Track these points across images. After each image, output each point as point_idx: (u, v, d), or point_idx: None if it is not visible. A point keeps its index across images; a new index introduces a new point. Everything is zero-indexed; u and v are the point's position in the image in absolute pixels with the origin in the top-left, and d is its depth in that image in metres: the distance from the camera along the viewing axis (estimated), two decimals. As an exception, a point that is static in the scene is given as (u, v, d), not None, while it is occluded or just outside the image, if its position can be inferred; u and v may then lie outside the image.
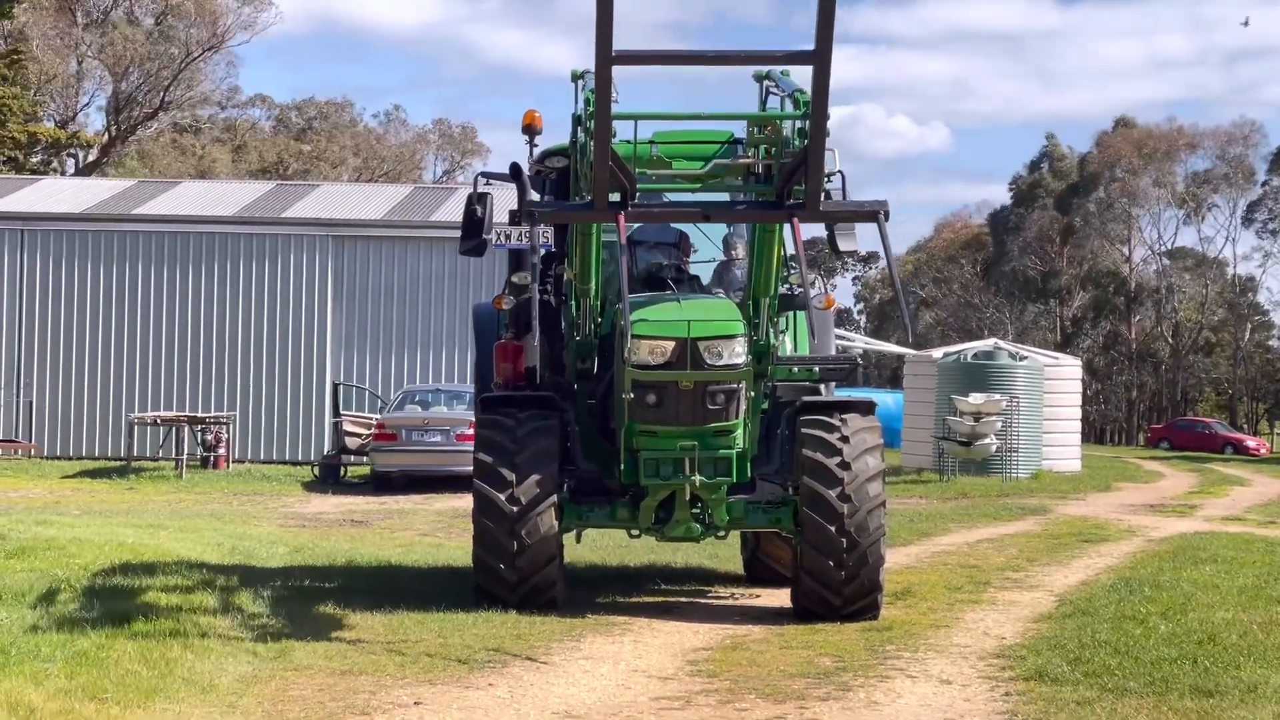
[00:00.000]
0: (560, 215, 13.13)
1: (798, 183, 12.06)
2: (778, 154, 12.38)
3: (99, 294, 38.61)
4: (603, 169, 11.73)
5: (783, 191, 12.30)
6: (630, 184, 12.16)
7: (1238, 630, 12.52)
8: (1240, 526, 24.71)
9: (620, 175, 11.99)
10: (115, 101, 74.30)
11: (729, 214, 13.05)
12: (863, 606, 13.48)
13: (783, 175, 12.27)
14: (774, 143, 12.40)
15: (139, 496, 29.66)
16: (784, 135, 12.30)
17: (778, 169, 12.36)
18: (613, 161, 11.76)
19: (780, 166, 12.32)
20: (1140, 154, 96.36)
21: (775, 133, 12.36)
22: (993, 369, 37.67)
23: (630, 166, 12.12)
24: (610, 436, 14.14)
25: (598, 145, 11.57)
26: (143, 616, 12.15)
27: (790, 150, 12.23)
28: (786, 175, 12.20)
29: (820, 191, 11.93)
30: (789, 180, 12.17)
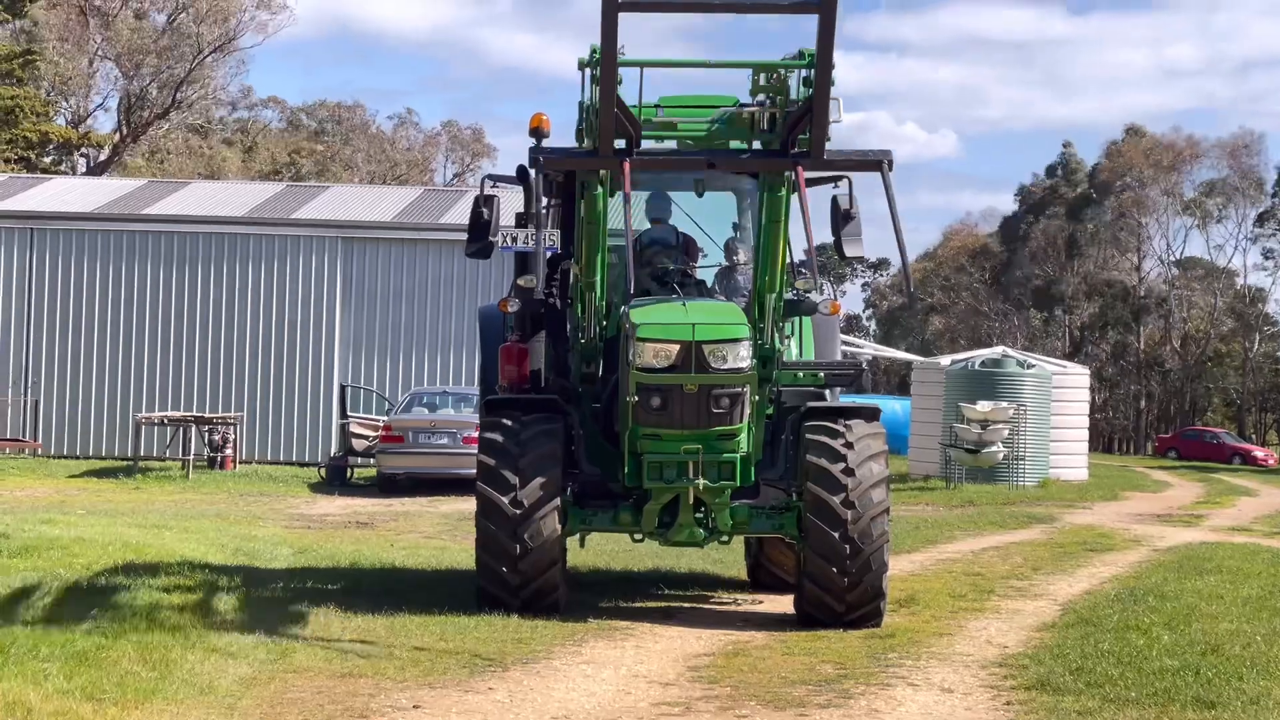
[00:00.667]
0: (567, 162, 13.03)
1: (802, 132, 12.07)
2: (782, 104, 12.41)
3: (108, 293, 38.63)
4: (608, 115, 11.78)
5: (787, 141, 12.34)
6: (635, 131, 12.20)
7: (1241, 641, 12.47)
8: (1246, 537, 24.65)
9: (626, 123, 12.02)
10: (127, 101, 74.40)
11: (734, 162, 12.99)
12: (866, 613, 13.45)
13: (787, 125, 12.35)
14: (779, 91, 12.40)
15: (145, 496, 29.66)
16: (788, 85, 12.35)
17: (782, 118, 12.38)
18: (618, 109, 11.79)
19: (784, 116, 12.34)
20: (1150, 163, 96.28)
21: (780, 82, 12.38)
22: (1001, 377, 37.59)
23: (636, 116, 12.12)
24: (614, 440, 14.11)
25: (603, 91, 11.64)
26: (143, 617, 12.15)
27: (794, 101, 12.26)
28: (791, 124, 12.30)
29: (824, 140, 12.01)
30: (793, 130, 12.26)
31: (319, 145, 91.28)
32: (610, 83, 11.53)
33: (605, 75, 11.49)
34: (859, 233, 13.84)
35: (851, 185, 13.99)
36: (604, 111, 11.77)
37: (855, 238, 13.80)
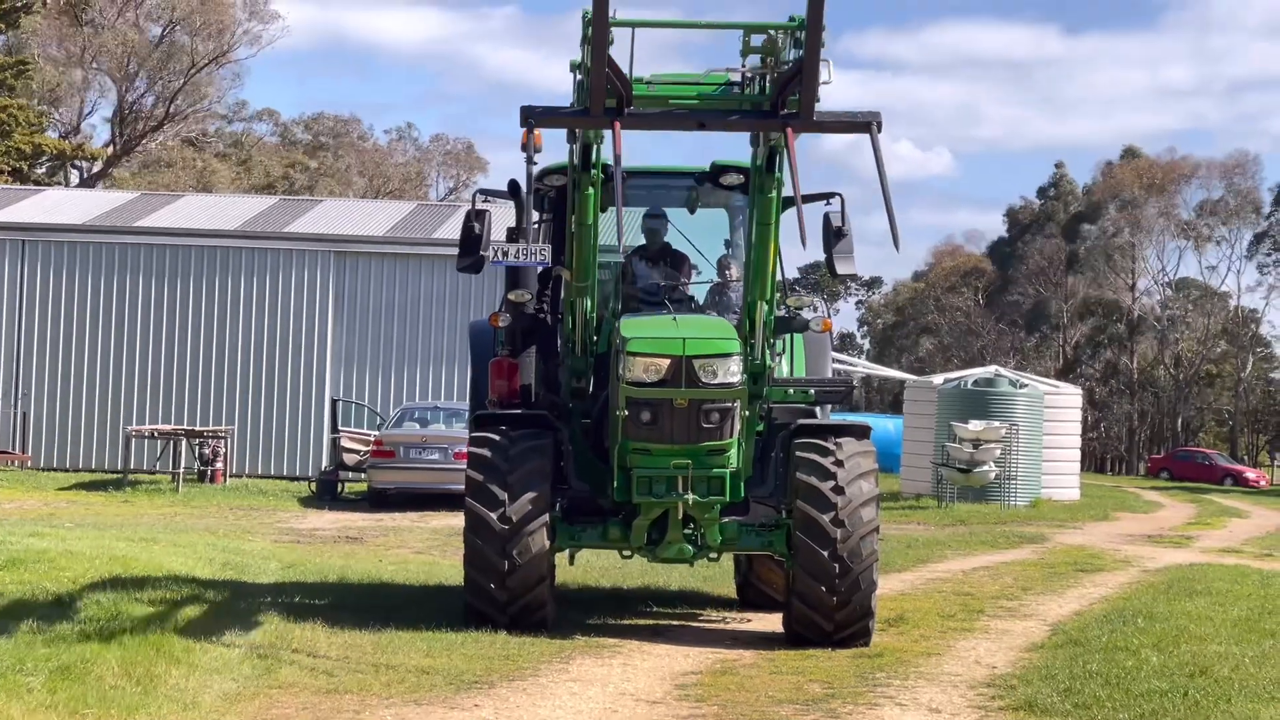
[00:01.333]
0: (557, 120, 12.75)
1: (792, 93, 12.04)
2: (773, 66, 12.39)
3: (99, 305, 38.59)
4: (600, 75, 11.73)
5: (777, 102, 12.28)
6: (626, 92, 12.12)
7: (1230, 664, 12.42)
8: (1236, 559, 24.62)
9: (617, 83, 11.97)
10: (120, 113, 74.35)
11: (724, 123, 12.82)
12: (854, 633, 13.40)
13: (777, 85, 12.29)
14: (769, 53, 12.40)
15: (134, 509, 29.58)
16: (778, 46, 12.33)
17: (773, 79, 12.35)
18: (609, 69, 11.75)
19: (775, 77, 12.31)
20: (1143, 184, 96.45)
21: (770, 43, 12.35)
22: (993, 396, 37.59)
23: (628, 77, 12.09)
24: (604, 455, 14.07)
25: (595, 51, 11.59)
26: (129, 631, 12.05)
27: (785, 63, 12.26)
28: (781, 85, 12.21)
29: (814, 101, 11.89)
30: (783, 90, 12.17)
31: (313, 162, 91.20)
32: (602, 42, 11.50)
33: (597, 35, 11.46)
34: (851, 250, 13.85)
35: (844, 203, 13.99)
36: (595, 71, 11.73)
37: (847, 255, 13.80)
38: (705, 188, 15.07)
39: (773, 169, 12.87)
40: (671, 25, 14.39)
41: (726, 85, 12.75)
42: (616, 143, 11.97)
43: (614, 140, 11.97)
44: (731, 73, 12.72)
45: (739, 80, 12.71)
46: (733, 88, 12.73)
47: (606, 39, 11.52)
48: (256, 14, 74.96)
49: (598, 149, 13.00)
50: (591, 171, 13.04)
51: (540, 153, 13.81)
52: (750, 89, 12.64)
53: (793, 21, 12.06)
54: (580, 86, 12.70)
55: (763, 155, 12.91)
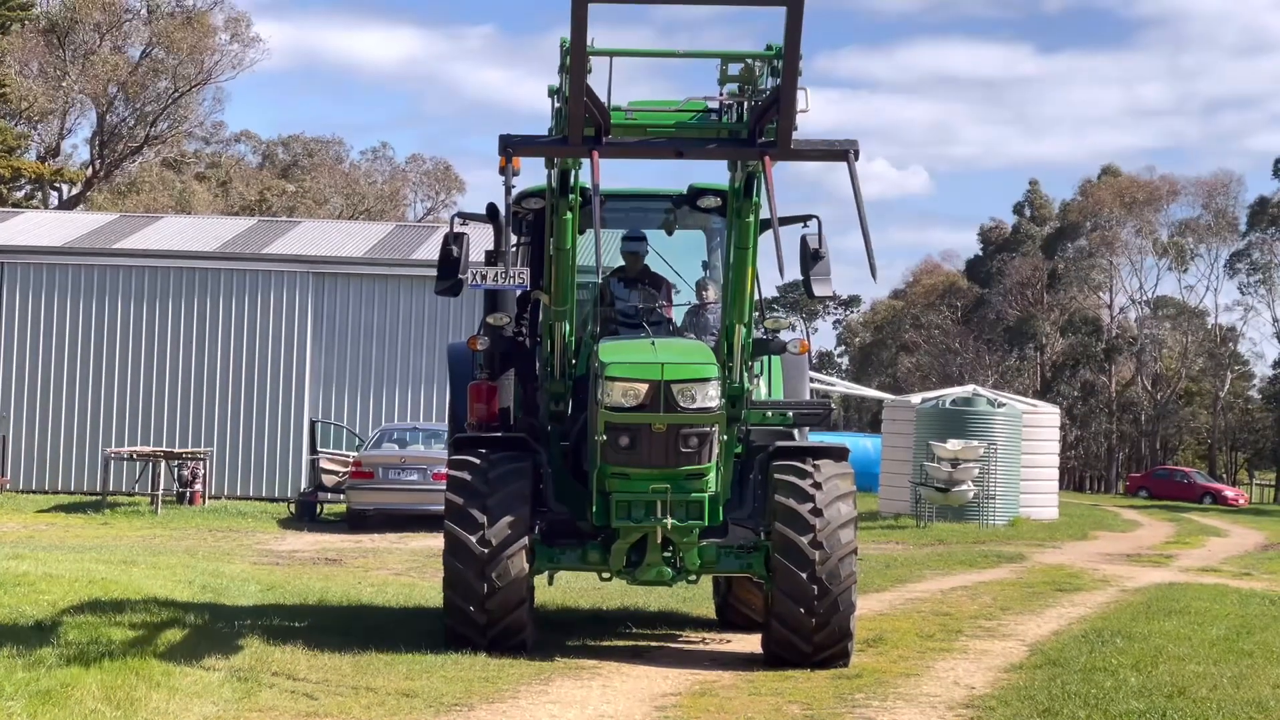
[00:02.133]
0: (535, 149, 12.85)
1: (769, 122, 12.11)
2: (751, 93, 12.45)
3: (78, 328, 38.53)
4: (578, 104, 11.78)
5: (754, 130, 12.35)
6: (604, 121, 12.16)
7: (1208, 684, 12.49)
8: (1215, 578, 24.70)
9: (595, 111, 12.02)
10: (100, 135, 74.29)
11: (702, 151, 12.84)
12: (833, 654, 13.44)
13: (755, 114, 12.35)
14: (747, 81, 12.46)
15: (113, 532, 29.51)
16: (755, 75, 12.39)
17: (750, 107, 12.41)
18: (588, 98, 11.80)
19: (753, 106, 12.36)
20: (1122, 203, 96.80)
21: (747, 72, 12.41)
22: (971, 415, 37.71)
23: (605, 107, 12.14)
24: (582, 478, 14.11)
25: (573, 81, 11.64)
26: (108, 655, 12.05)
27: (762, 91, 12.33)
28: (759, 114, 12.28)
29: (792, 130, 11.97)
30: (761, 119, 12.24)
31: (290, 185, 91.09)
32: (580, 71, 11.56)
33: (575, 64, 11.52)
34: (828, 272, 13.92)
35: (821, 225, 14.08)
36: (574, 100, 11.79)
37: (824, 277, 13.87)
38: (683, 210, 15.10)
39: (750, 194, 12.92)
40: (650, 54, 14.40)
41: (704, 113, 12.80)
42: (595, 172, 12.03)
43: (593, 169, 12.04)
44: (709, 100, 12.78)
45: (717, 108, 12.77)
46: (710, 115, 12.78)
47: (585, 68, 11.57)
48: (239, 37, 75.00)
49: (576, 174, 13.06)
50: (569, 196, 13.09)
51: (518, 176, 13.87)
52: (728, 117, 12.70)
53: (770, 50, 12.13)
54: (559, 113, 12.76)
55: (740, 180, 12.97)
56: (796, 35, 11.24)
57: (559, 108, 12.85)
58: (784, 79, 11.64)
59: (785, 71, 11.58)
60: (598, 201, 11.98)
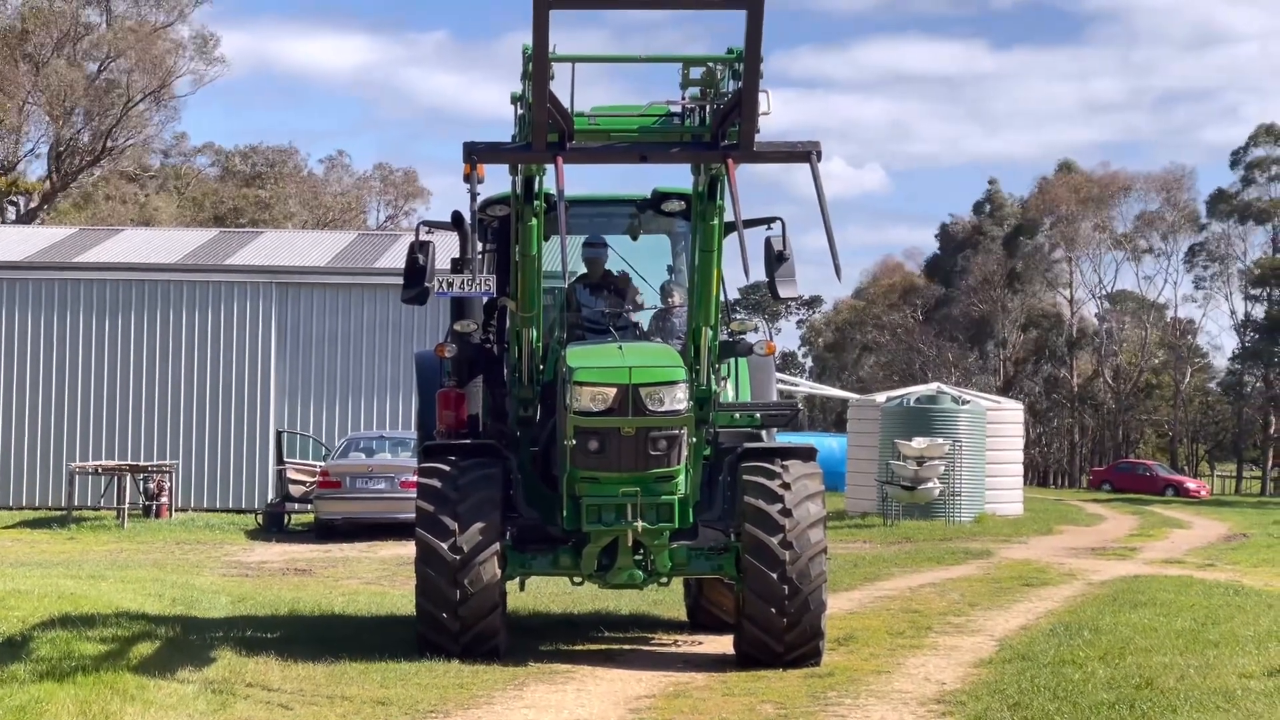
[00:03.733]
0: (500, 156, 12.90)
1: (732, 125, 12.19)
2: (713, 96, 12.53)
3: (39, 342, 38.38)
4: (541, 111, 11.84)
5: (717, 133, 12.44)
6: (568, 127, 12.24)
7: (1175, 674, 12.61)
8: (1180, 569, 24.90)
9: (559, 118, 12.08)
10: (56, 148, 73.97)
11: (665, 155, 12.91)
12: (805, 653, 13.54)
13: (717, 117, 12.44)
14: (709, 84, 12.55)
15: (80, 547, 29.40)
16: (717, 78, 12.47)
17: (713, 110, 12.49)
18: (551, 104, 11.86)
19: (715, 110, 12.44)
20: (1079, 198, 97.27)
21: (710, 75, 12.50)
22: (936, 413, 37.87)
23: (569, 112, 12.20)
24: (552, 483, 14.18)
25: (536, 87, 11.70)
26: (81, 670, 12.06)
27: (724, 94, 12.41)
28: (721, 117, 12.37)
29: (754, 132, 12.04)
30: (723, 122, 12.33)
31: (261, 191, 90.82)
32: (542, 78, 11.62)
33: (537, 71, 11.58)
34: (793, 274, 14.00)
35: (785, 227, 14.17)
36: (537, 107, 11.86)
37: (789, 279, 13.95)
38: (647, 214, 15.16)
39: (714, 197, 13.01)
40: (611, 60, 14.50)
41: (667, 117, 12.89)
42: (559, 178, 12.10)
43: (557, 175, 12.11)
44: (671, 104, 12.87)
45: (679, 112, 12.85)
46: (673, 119, 12.86)
47: (547, 75, 11.64)
48: (204, 55, 74.84)
49: (540, 180, 13.13)
50: (534, 203, 13.16)
51: (483, 183, 13.94)
52: (690, 120, 12.78)
53: (731, 54, 12.22)
54: (522, 120, 12.82)
55: (704, 183, 13.06)
56: (757, 38, 11.32)
57: (522, 114, 12.92)
58: (745, 82, 11.72)
59: (746, 74, 11.65)
60: (563, 208, 12.05)
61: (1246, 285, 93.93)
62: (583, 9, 12.14)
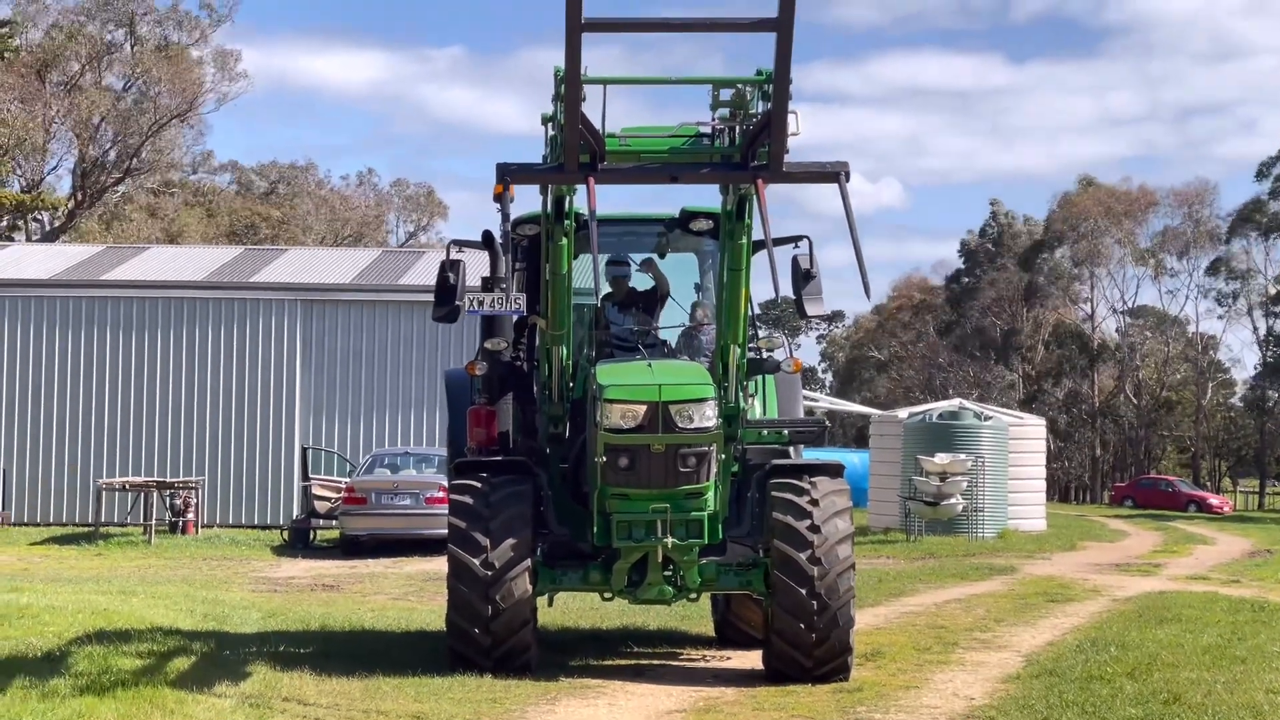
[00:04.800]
0: (533, 177, 13.02)
1: (761, 145, 12.33)
2: (742, 117, 12.66)
3: (67, 359, 38.66)
4: (573, 132, 11.99)
5: (747, 154, 12.57)
6: (599, 148, 12.38)
7: (1203, 690, 12.69)
8: (1205, 585, 24.91)
9: (590, 139, 12.24)
10: (82, 166, 74.40)
11: (696, 175, 13.07)
12: (834, 668, 13.63)
13: (747, 139, 12.56)
14: (738, 106, 12.69)
15: (108, 563, 29.61)
16: (746, 99, 12.58)
17: (742, 131, 12.63)
18: (583, 125, 12.00)
19: (744, 130, 12.60)
20: (1104, 213, 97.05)
21: (738, 97, 12.63)
22: (958, 429, 37.93)
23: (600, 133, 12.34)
24: (583, 500, 14.30)
25: (568, 109, 11.85)
26: (121, 684, 12.20)
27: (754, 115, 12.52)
28: (751, 138, 12.49)
29: (783, 153, 12.16)
30: (753, 143, 12.45)
31: (276, 210, 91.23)
32: (574, 100, 11.77)
33: (569, 93, 11.73)
34: (820, 292, 14.11)
35: (812, 245, 14.28)
36: (569, 128, 12.00)
37: (816, 297, 14.06)
38: (675, 233, 15.30)
39: (743, 216, 13.15)
40: (642, 82, 14.65)
41: (697, 138, 13.03)
42: (591, 198, 12.25)
43: (589, 196, 12.25)
44: (701, 125, 13.00)
45: (709, 133, 12.99)
46: (703, 140, 13.00)
47: (579, 97, 11.78)
48: (227, 72, 75.25)
49: (570, 200, 13.27)
50: (565, 222, 13.31)
51: (513, 202, 14.09)
52: (720, 141, 12.92)
53: (760, 75, 12.36)
54: (553, 141, 12.97)
55: (732, 203, 13.20)
56: (787, 60, 11.45)
57: (553, 135, 13.06)
58: (775, 103, 11.85)
59: (776, 96, 11.79)
60: (595, 227, 12.19)
61: (1268, 301, 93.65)
62: (614, 32, 12.26)
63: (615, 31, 12.23)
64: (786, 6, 10.90)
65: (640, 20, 11.92)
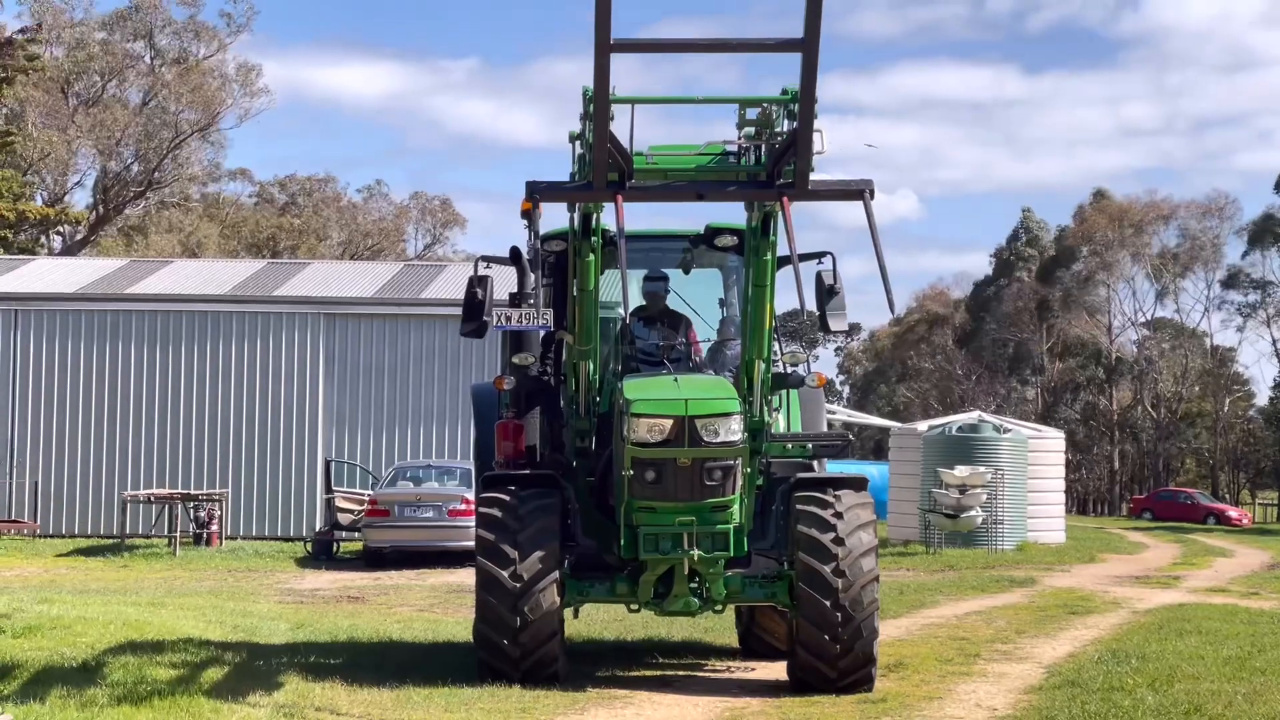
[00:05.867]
0: (562, 195, 13.27)
1: (787, 163, 12.52)
2: (768, 136, 12.85)
3: (92, 373, 38.91)
4: (602, 151, 12.20)
5: (772, 172, 12.77)
6: (627, 166, 12.58)
7: (1223, 701, 12.84)
8: (1224, 597, 25.02)
9: (618, 157, 12.44)
10: (104, 180, 74.83)
11: (722, 193, 13.28)
12: (857, 679, 13.79)
13: (773, 157, 12.76)
14: (764, 124, 12.88)
15: (133, 574, 29.83)
16: (773, 118, 12.78)
17: (768, 149, 12.81)
18: (611, 144, 12.20)
19: (770, 148, 12.78)
20: (1117, 227, 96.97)
21: (765, 116, 12.84)
22: (977, 442, 38.02)
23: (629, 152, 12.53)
24: (609, 513, 14.47)
25: (597, 128, 12.04)
26: (156, 694, 12.41)
27: (779, 134, 12.73)
28: (776, 156, 12.69)
29: (809, 171, 12.37)
30: (779, 161, 12.66)
31: (296, 219, 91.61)
32: (603, 119, 11.97)
33: (598, 112, 11.92)
34: (843, 307, 14.28)
35: (835, 262, 14.46)
36: (597, 147, 12.20)
37: (839, 312, 14.22)
38: (700, 249, 15.49)
39: (767, 233, 13.35)
40: (670, 101, 14.86)
41: (723, 155, 13.22)
42: (619, 216, 12.45)
43: (617, 213, 12.45)
44: (728, 144, 13.20)
45: (735, 151, 13.18)
46: (729, 158, 13.20)
47: (607, 116, 11.99)
48: (248, 87, 75.62)
49: (598, 217, 13.48)
50: (592, 239, 13.52)
51: (541, 218, 14.29)
52: (746, 159, 13.11)
53: (786, 94, 12.55)
54: (581, 159, 13.18)
55: (757, 219, 13.40)
56: (812, 79, 11.64)
57: (582, 153, 13.27)
58: (800, 121, 12.05)
59: (801, 114, 11.99)
60: (623, 245, 12.40)
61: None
62: (642, 53, 12.47)
63: (643, 52, 12.44)
64: (812, 27, 11.07)
65: (668, 41, 12.16)
